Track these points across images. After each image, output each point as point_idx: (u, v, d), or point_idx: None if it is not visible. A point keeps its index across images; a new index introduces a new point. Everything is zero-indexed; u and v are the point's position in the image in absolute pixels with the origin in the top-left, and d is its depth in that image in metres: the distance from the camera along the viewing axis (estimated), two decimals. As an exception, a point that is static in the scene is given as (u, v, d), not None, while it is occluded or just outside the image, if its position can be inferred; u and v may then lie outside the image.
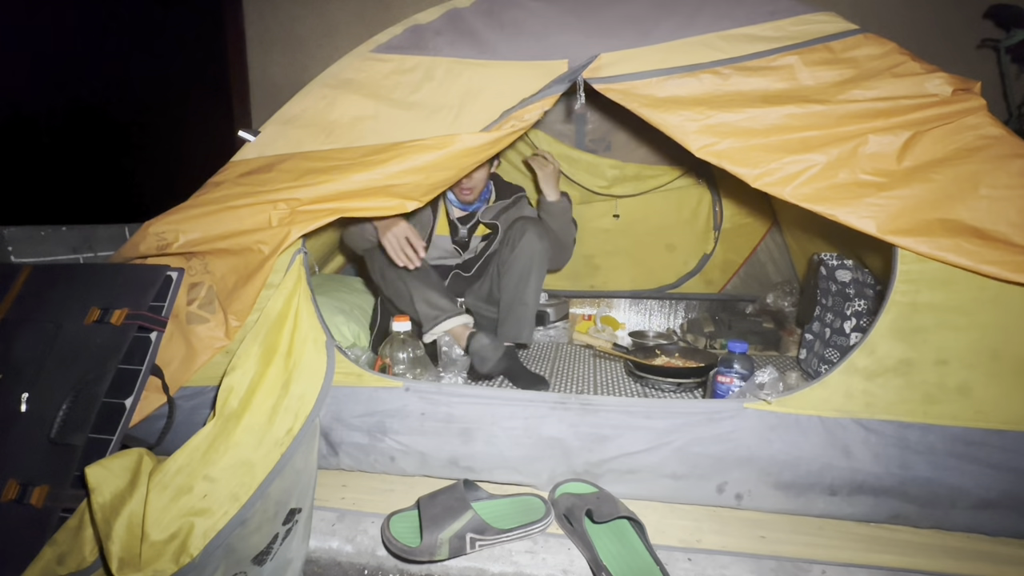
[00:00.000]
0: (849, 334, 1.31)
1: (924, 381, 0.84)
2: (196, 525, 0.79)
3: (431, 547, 0.76)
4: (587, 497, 0.84)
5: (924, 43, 1.61)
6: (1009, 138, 0.83)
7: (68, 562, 0.80)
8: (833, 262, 1.39)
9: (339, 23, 2.34)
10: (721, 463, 0.88)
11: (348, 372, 0.98)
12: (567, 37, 1.02)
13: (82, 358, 0.94)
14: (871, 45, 0.92)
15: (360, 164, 0.98)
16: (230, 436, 0.87)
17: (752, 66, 0.94)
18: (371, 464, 0.98)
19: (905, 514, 0.85)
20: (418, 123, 1.03)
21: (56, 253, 1.41)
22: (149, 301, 0.98)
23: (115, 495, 0.80)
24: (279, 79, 2.41)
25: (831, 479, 0.86)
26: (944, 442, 0.83)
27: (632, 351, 1.61)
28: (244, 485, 0.85)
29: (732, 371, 1.06)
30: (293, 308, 0.96)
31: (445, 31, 1.08)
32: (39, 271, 1.07)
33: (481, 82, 1.03)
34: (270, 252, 0.96)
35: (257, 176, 1.02)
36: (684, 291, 2.18)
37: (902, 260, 0.84)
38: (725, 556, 0.79)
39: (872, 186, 0.84)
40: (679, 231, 2.17)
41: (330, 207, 0.96)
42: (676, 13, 0.99)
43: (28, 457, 0.89)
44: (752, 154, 0.88)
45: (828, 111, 0.88)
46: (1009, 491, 0.82)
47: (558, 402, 0.93)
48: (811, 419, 0.87)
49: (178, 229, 1.00)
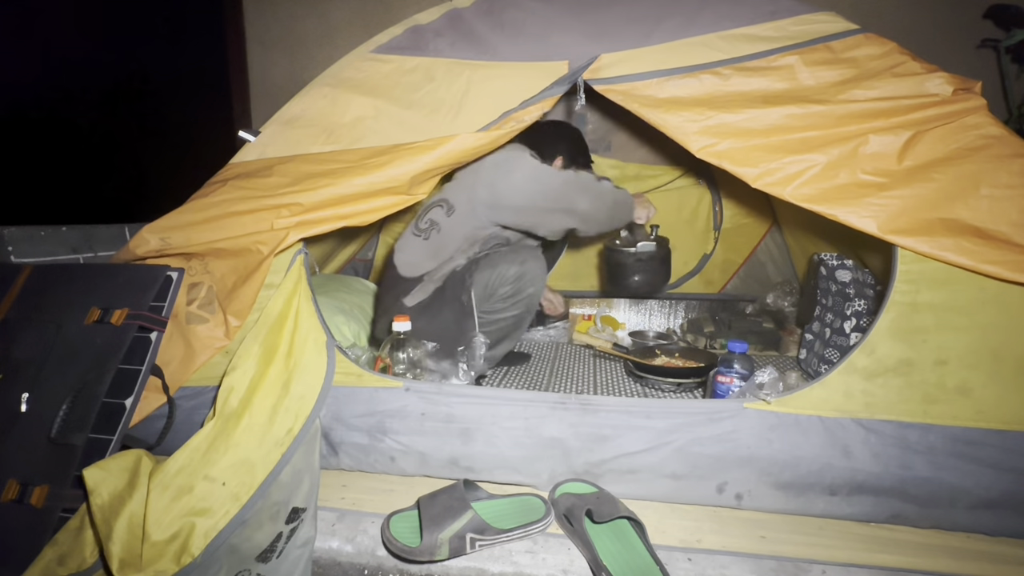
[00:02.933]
0: (849, 334, 1.31)
1: (924, 381, 0.84)
2: (197, 525, 0.79)
3: (431, 547, 0.76)
4: (587, 497, 0.84)
5: (924, 43, 1.61)
6: (1009, 138, 0.83)
7: (69, 563, 0.80)
8: (833, 262, 1.39)
9: (339, 23, 2.34)
10: (721, 463, 0.88)
11: (348, 372, 0.98)
12: (567, 38, 1.02)
13: (82, 358, 0.94)
14: (871, 45, 0.92)
15: (360, 167, 0.99)
16: (230, 436, 0.87)
17: (752, 66, 0.95)
18: (371, 464, 0.98)
19: (905, 514, 0.85)
20: (418, 123, 1.03)
21: (56, 253, 1.41)
22: (149, 301, 0.98)
23: (114, 496, 0.80)
24: (279, 79, 2.41)
25: (831, 479, 0.86)
26: (944, 442, 0.83)
27: (632, 351, 1.61)
28: (245, 485, 0.85)
29: (732, 371, 1.06)
30: (293, 308, 0.96)
31: (445, 32, 1.08)
32: (39, 271, 1.07)
33: (481, 83, 1.03)
34: (268, 252, 0.96)
35: (257, 179, 1.02)
36: (684, 291, 2.18)
37: (902, 260, 0.84)
38: (725, 556, 0.79)
39: (873, 186, 0.84)
40: (679, 231, 2.16)
41: (333, 214, 0.96)
42: (676, 14, 1.00)
43: (28, 457, 0.89)
44: (752, 154, 0.88)
45: (828, 111, 0.88)
46: (1009, 491, 0.82)
47: (558, 402, 0.93)
48: (811, 419, 0.87)
49: (178, 235, 1.00)
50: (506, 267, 1.21)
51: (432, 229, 1.27)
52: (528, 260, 1.22)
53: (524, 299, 1.25)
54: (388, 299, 1.31)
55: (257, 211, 0.97)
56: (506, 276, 1.21)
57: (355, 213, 0.97)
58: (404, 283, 1.28)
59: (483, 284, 1.22)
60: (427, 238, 1.27)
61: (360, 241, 2.07)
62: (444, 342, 1.14)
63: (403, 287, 1.28)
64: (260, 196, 0.98)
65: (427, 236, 1.27)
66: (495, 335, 1.27)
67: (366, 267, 2.16)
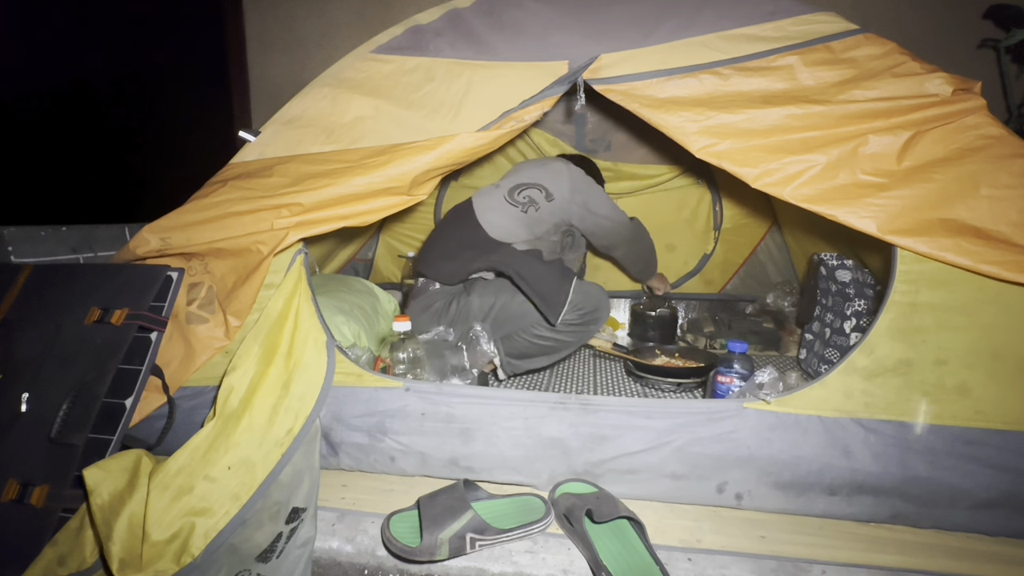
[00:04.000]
0: (849, 334, 1.31)
1: (923, 381, 0.84)
2: (197, 525, 0.79)
3: (431, 547, 0.76)
4: (587, 497, 0.84)
5: (924, 43, 1.62)
6: (1009, 138, 0.83)
7: (69, 563, 0.80)
8: (833, 262, 1.39)
9: (339, 23, 2.34)
10: (721, 463, 0.88)
11: (348, 372, 0.98)
12: (567, 38, 1.02)
13: (82, 358, 0.94)
14: (871, 45, 0.92)
15: (360, 167, 0.99)
16: (231, 436, 0.87)
17: (752, 66, 0.95)
18: (371, 464, 0.98)
19: (905, 514, 0.85)
20: (418, 123, 1.03)
21: (56, 253, 1.40)
22: (149, 301, 0.98)
23: (113, 496, 0.80)
24: (279, 79, 2.41)
25: (831, 479, 0.86)
26: (944, 442, 0.83)
27: (632, 351, 1.61)
28: (245, 485, 0.85)
29: (732, 371, 1.06)
30: (293, 308, 0.96)
31: (445, 32, 1.08)
32: (39, 271, 1.07)
33: (481, 83, 1.03)
34: (268, 252, 0.96)
35: (257, 179, 1.02)
36: (684, 291, 2.18)
37: (902, 260, 0.84)
38: (725, 556, 0.79)
39: (872, 186, 0.84)
40: (679, 231, 2.17)
41: (333, 214, 0.96)
42: (676, 14, 0.99)
43: (28, 457, 0.89)
44: (752, 155, 0.88)
45: (828, 111, 0.88)
46: (1009, 491, 0.82)
47: (558, 402, 0.93)
48: (811, 419, 0.87)
49: (178, 235, 1.00)
50: (593, 294, 1.31)
51: (531, 206, 1.42)
52: (603, 297, 1.32)
53: (585, 330, 1.33)
54: (465, 250, 1.40)
55: (257, 211, 0.97)
56: (588, 300, 1.29)
57: (355, 213, 0.97)
58: (490, 243, 1.40)
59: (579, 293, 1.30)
60: (525, 211, 1.42)
61: (360, 241, 2.07)
62: (539, 296, 1.25)
63: (488, 246, 1.39)
64: (260, 196, 0.98)
65: (525, 210, 1.42)
66: (541, 349, 1.35)
67: (366, 267, 2.16)
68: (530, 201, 1.42)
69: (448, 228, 1.52)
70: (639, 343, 1.79)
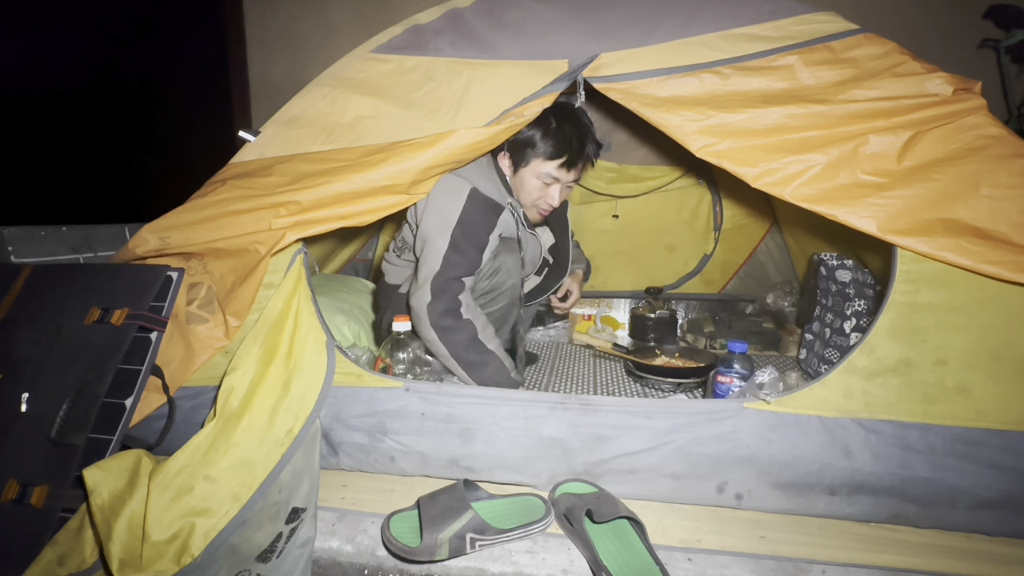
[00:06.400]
0: (849, 334, 1.31)
1: (923, 381, 0.84)
2: (197, 525, 0.79)
3: (431, 547, 0.76)
4: (587, 497, 0.84)
5: (924, 43, 1.61)
6: (1009, 138, 0.83)
7: (69, 563, 0.80)
8: (833, 262, 1.39)
9: (339, 23, 2.34)
10: (721, 463, 0.88)
11: (348, 372, 0.98)
12: (567, 37, 1.02)
13: (82, 358, 0.94)
14: (871, 45, 0.92)
15: (358, 165, 0.98)
16: (231, 436, 0.87)
17: (752, 66, 0.94)
18: (371, 464, 0.98)
19: (905, 514, 0.85)
20: (418, 122, 1.03)
21: (56, 253, 1.40)
22: (149, 301, 0.98)
23: (113, 496, 0.80)
24: (279, 79, 2.41)
25: (831, 479, 0.86)
26: (944, 442, 0.83)
27: (632, 351, 1.61)
28: (245, 485, 0.85)
29: (732, 371, 1.06)
30: (293, 308, 0.96)
31: (445, 31, 1.08)
32: (39, 271, 1.07)
33: (481, 81, 1.03)
34: (266, 252, 0.96)
35: (256, 179, 1.02)
36: (684, 291, 2.18)
37: (902, 260, 0.84)
38: (725, 556, 0.79)
39: (873, 186, 0.84)
40: (679, 231, 2.17)
41: (331, 213, 0.96)
42: (677, 13, 0.99)
43: (28, 457, 0.89)
44: (752, 154, 0.88)
45: (828, 111, 0.88)
46: (1009, 491, 0.82)
47: (558, 402, 0.93)
48: (811, 419, 0.87)
49: (177, 235, 1.00)
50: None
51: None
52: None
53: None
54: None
55: (255, 210, 0.97)
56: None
57: (354, 213, 0.96)
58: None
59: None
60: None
61: (360, 241, 2.07)
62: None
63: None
64: (258, 195, 0.98)
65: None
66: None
67: (366, 267, 2.16)
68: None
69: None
70: (639, 343, 1.79)
